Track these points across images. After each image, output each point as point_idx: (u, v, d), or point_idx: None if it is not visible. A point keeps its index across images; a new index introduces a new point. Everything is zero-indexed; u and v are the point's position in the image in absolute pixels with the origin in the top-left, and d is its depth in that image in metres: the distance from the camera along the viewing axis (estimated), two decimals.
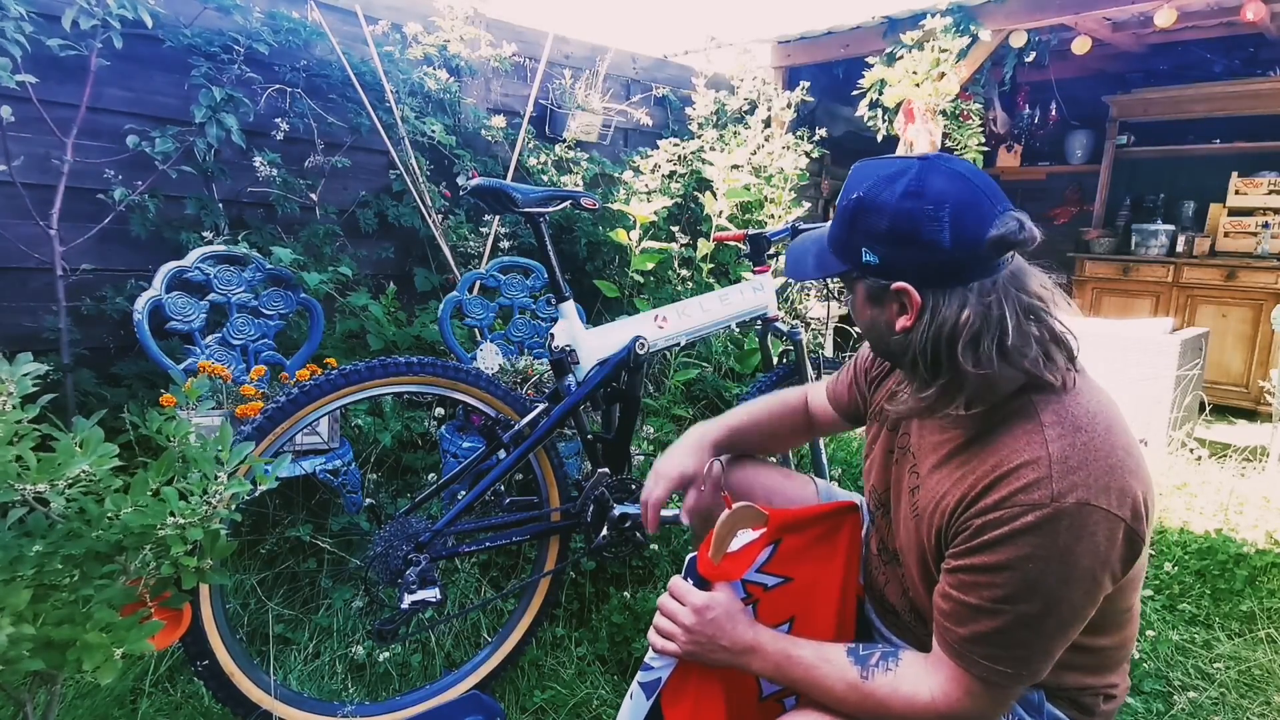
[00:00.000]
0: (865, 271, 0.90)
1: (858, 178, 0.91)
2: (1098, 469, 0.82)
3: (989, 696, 0.86)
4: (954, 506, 0.88)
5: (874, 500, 1.13)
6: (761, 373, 2.27)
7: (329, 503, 2.00)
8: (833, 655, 0.94)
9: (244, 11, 2.26)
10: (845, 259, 0.92)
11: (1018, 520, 0.81)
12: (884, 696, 0.89)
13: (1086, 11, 3.33)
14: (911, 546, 0.98)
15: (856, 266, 0.91)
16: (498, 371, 2.21)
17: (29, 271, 2.06)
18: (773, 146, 3.63)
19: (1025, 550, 0.81)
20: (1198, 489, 2.66)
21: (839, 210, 0.93)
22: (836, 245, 0.94)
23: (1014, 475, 0.83)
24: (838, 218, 0.93)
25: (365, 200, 2.69)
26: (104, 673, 0.89)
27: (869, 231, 0.88)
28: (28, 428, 0.94)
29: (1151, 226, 4.66)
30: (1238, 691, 1.72)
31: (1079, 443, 0.83)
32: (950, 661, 0.88)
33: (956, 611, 0.86)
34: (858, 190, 0.89)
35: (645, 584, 1.95)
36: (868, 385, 1.21)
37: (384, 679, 1.65)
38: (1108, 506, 0.81)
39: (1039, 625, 0.83)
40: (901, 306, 0.89)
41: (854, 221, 0.89)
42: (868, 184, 0.88)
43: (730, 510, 1.03)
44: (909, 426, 1.04)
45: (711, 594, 0.99)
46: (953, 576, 0.87)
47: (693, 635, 0.97)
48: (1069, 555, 0.80)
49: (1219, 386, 4.24)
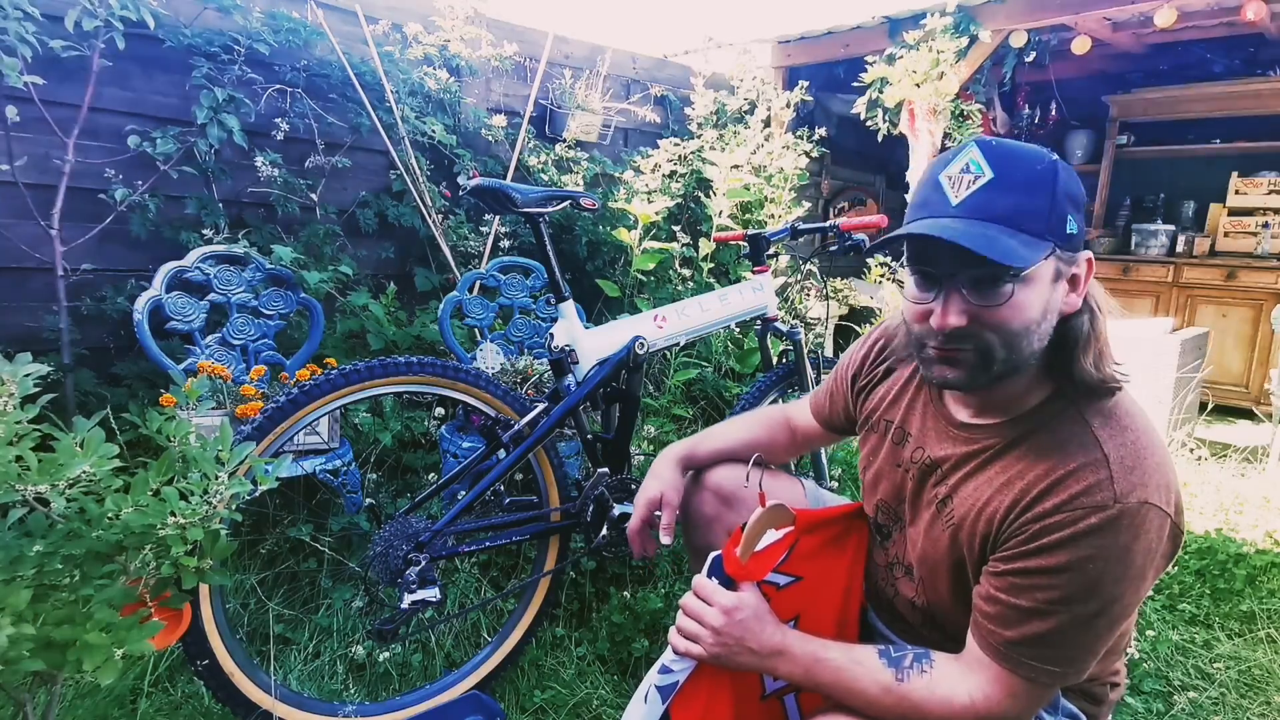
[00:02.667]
0: (1068, 244, 0.82)
1: (1018, 147, 0.83)
2: (1150, 466, 0.82)
3: (1030, 696, 0.86)
4: (1005, 512, 0.87)
5: (883, 513, 1.10)
6: (761, 373, 2.27)
7: (329, 503, 2.00)
8: (864, 657, 0.92)
9: (244, 12, 2.26)
10: (1047, 234, 0.81)
11: (1081, 523, 0.81)
12: (920, 699, 0.87)
13: (1086, 11, 3.32)
14: (941, 556, 0.96)
15: (1060, 240, 0.81)
16: (498, 371, 2.21)
17: (30, 271, 2.06)
18: (773, 146, 3.63)
19: (1088, 551, 0.80)
20: (1198, 489, 2.66)
21: (1030, 177, 0.81)
22: (1033, 219, 0.80)
23: (1073, 478, 0.83)
24: (1031, 185, 0.81)
25: (365, 200, 2.69)
26: (104, 673, 0.89)
27: (1074, 196, 0.82)
28: (28, 428, 0.94)
29: (1151, 226, 4.66)
30: (1238, 691, 1.72)
31: (1128, 441, 0.84)
32: (994, 663, 0.86)
33: (1005, 614, 0.85)
34: (1046, 155, 0.82)
35: (645, 584, 1.95)
36: (855, 395, 1.18)
37: (384, 679, 1.65)
38: (1160, 504, 0.82)
39: (1091, 625, 0.83)
40: (1073, 283, 0.85)
41: (1058, 186, 0.81)
42: (1037, 148, 0.83)
43: (764, 509, 1.00)
44: (923, 439, 1.02)
45: (740, 594, 0.95)
46: (1001, 580, 0.86)
47: (720, 637, 0.93)
48: (1126, 555, 0.80)
49: (1219, 386, 4.23)
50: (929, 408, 1.03)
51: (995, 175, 0.81)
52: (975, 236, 0.78)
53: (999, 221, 0.80)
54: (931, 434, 1.01)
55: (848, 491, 2.45)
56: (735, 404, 2.11)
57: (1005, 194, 0.80)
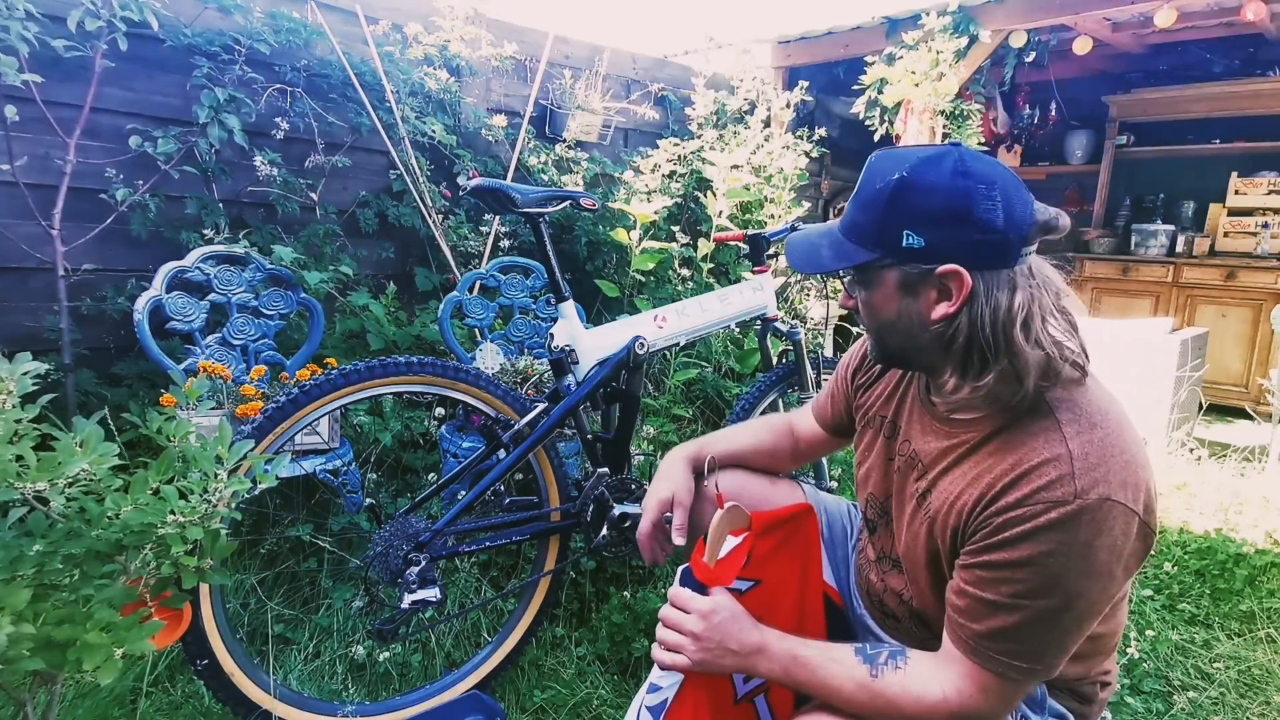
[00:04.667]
0: (904, 257, 0.86)
1: (888, 163, 0.87)
2: (1116, 464, 0.83)
3: (1002, 692, 0.86)
4: (972, 505, 0.88)
5: (873, 508, 1.12)
6: (761, 373, 2.27)
7: (329, 502, 2.00)
8: (840, 655, 0.93)
9: (245, 12, 2.26)
10: (875, 246, 0.88)
11: (1041, 517, 0.81)
12: (894, 695, 0.88)
13: (1086, 11, 3.32)
14: (921, 550, 0.97)
15: (892, 253, 0.87)
16: (498, 371, 2.21)
17: (30, 271, 2.06)
18: (772, 146, 3.63)
19: (1047, 546, 0.81)
20: (1197, 489, 2.66)
21: (869, 195, 0.88)
22: (862, 232, 0.89)
23: (1035, 473, 0.83)
24: (867, 203, 0.88)
25: (365, 200, 2.69)
26: (104, 673, 0.89)
27: (915, 212, 0.85)
28: (28, 427, 0.94)
29: (1151, 226, 4.66)
30: (1237, 691, 1.72)
31: (1096, 439, 0.84)
32: (965, 658, 0.87)
33: (973, 608, 0.86)
34: (898, 172, 0.85)
35: (645, 584, 1.95)
36: (854, 392, 1.19)
37: (384, 679, 1.65)
38: (1125, 501, 0.82)
39: (1057, 620, 0.83)
40: (943, 292, 0.86)
41: (894, 203, 0.85)
42: (908, 165, 0.85)
43: (722, 511, 1.01)
44: (910, 433, 1.03)
45: (714, 598, 0.96)
46: (969, 573, 0.87)
47: (702, 642, 0.94)
48: (1089, 551, 0.81)
49: (1219, 386, 4.23)
50: (917, 403, 1.04)
51: (857, 189, 0.91)
52: (807, 245, 0.97)
53: (843, 230, 0.92)
54: (918, 428, 1.02)
55: (847, 492, 2.45)
56: (735, 404, 2.11)
57: (853, 209, 0.91)
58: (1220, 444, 3.28)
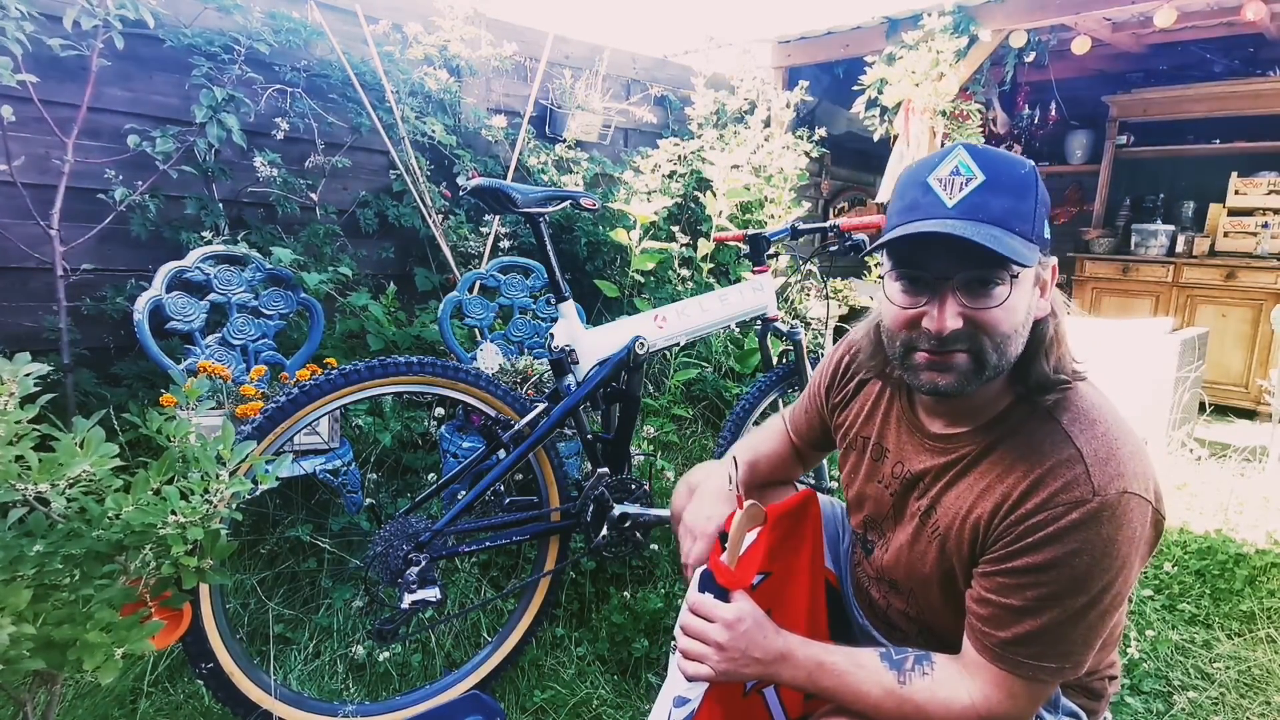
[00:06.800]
0: (1044, 248, 0.84)
1: (996, 151, 0.83)
2: (1125, 456, 0.83)
3: (1030, 694, 0.86)
4: (989, 516, 0.88)
5: (871, 530, 1.10)
6: (761, 373, 2.27)
7: (329, 503, 2.00)
8: (866, 660, 0.92)
9: (244, 11, 2.26)
10: (1034, 237, 0.82)
11: (1064, 519, 0.82)
12: (923, 701, 0.87)
13: (1086, 11, 3.32)
14: (931, 568, 0.97)
15: (1042, 244, 0.83)
16: (498, 371, 2.21)
17: (29, 271, 2.06)
18: (773, 146, 3.63)
19: (1072, 546, 0.81)
20: (1198, 489, 2.66)
21: (1015, 181, 0.81)
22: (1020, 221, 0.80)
23: (1051, 476, 0.83)
24: (1014, 188, 0.81)
25: (365, 200, 2.69)
26: (104, 673, 0.89)
27: (1047, 203, 0.85)
28: (28, 428, 0.94)
29: (1151, 226, 4.66)
30: (1237, 691, 1.72)
31: (1099, 434, 0.85)
32: (990, 665, 0.87)
33: (997, 615, 0.86)
34: (1025, 161, 0.83)
35: (645, 584, 1.95)
36: (830, 412, 1.17)
37: (384, 679, 1.65)
38: (1140, 492, 0.82)
39: (1084, 617, 0.83)
40: (1043, 287, 0.87)
41: (1038, 192, 0.82)
42: (1010, 156, 0.84)
43: (743, 511, 1.00)
44: (901, 454, 1.02)
45: (738, 605, 0.94)
46: (991, 580, 0.87)
47: (727, 652, 0.91)
48: (1111, 545, 0.81)
49: (1219, 386, 4.23)
50: (902, 422, 1.03)
51: (987, 178, 0.80)
52: (986, 236, 0.77)
53: (993, 223, 0.79)
54: (909, 447, 1.01)
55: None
56: (735, 404, 2.11)
57: (998, 196, 0.80)
58: (1220, 444, 3.28)
